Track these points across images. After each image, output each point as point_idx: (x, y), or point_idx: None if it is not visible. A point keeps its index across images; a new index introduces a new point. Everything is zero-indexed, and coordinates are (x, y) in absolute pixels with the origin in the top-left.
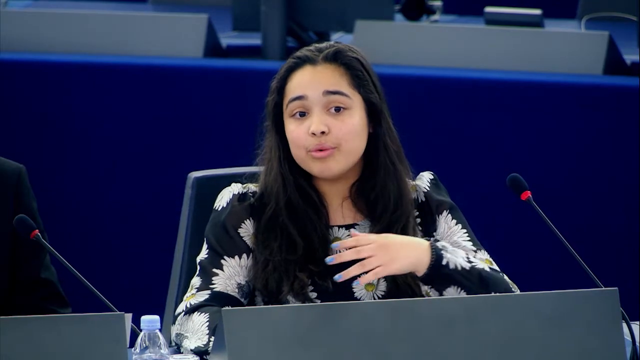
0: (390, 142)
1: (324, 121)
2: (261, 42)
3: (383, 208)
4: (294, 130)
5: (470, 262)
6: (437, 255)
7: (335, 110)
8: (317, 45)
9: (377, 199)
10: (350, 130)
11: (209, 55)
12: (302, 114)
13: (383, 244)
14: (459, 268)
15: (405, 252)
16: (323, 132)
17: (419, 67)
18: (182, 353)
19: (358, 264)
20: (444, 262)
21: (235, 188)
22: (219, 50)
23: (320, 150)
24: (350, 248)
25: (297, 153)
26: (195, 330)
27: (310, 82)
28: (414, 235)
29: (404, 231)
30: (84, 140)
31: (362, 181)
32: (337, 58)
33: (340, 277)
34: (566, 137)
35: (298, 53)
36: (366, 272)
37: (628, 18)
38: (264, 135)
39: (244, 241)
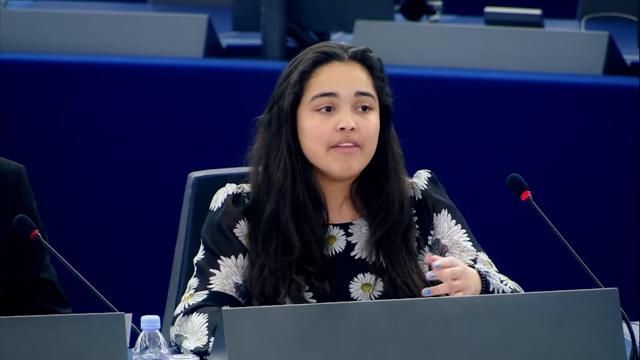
0: (396, 146)
1: (352, 118)
2: (261, 42)
3: (388, 211)
4: (318, 125)
5: (507, 285)
6: (485, 282)
7: (362, 109)
8: (333, 43)
9: (383, 203)
10: (373, 130)
11: (209, 55)
12: (327, 109)
13: (464, 272)
14: (500, 293)
15: (473, 280)
16: (352, 129)
17: (419, 67)
18: (182, 353)
19: (447, 284)
20: (491, 289)
21: (230, 188)
22: (218, 50)
23: (347, 146)
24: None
25: (317, 148)
26: (195, 331)
27: (341, 79)
28: (414, 235)
29: (406, 233)
30: (84, 140)
31: (362, 181)
32: (365, 59)
33: (429, 292)
34: (566, 137)
35: (322, 48)
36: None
37: (628, 18)
38: (254, 137)
39: (240, 241)
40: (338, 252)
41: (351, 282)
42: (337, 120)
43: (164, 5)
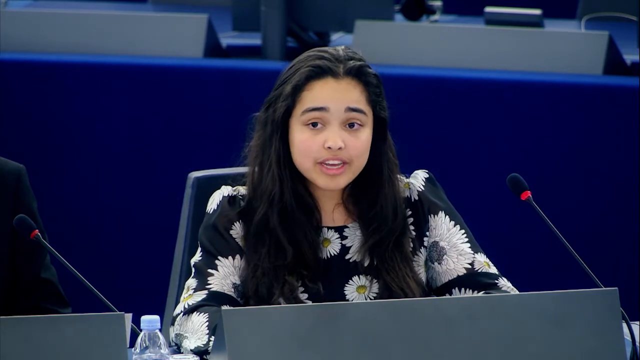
0: (391, 155)
1: (341, 136)
2: (261, 42)
3: (382, 220)
4: (306, 140)
5: None
6: None
7: (349, 125)
8: (331, 52)
9: (377, 211)
10: (362, 148)
11: (209, 55)
12: (315, 124)
13: None
14: None
15: None
16: (340, 148)
17: (419, 67)
18: (182, 353)
19: None
20: None
21: (225, 190)
22: (219, 50)
23: (333, 165)
24: None
25: (304, 162)
26: (195, 331)
27: (333, 95)
28: (408, 239)
29: (399, 239)
30: (84, 140)
31: (354, 187)
32: (360, 74)
33: None
34: (566, 137)
35: (317, 61)
36: None
37: (628, 18)
38: (251, 133)
39: (236, 242)
40: (333, 254)
41: (346, 284)
42: (325, 138)
43: (164, 5)
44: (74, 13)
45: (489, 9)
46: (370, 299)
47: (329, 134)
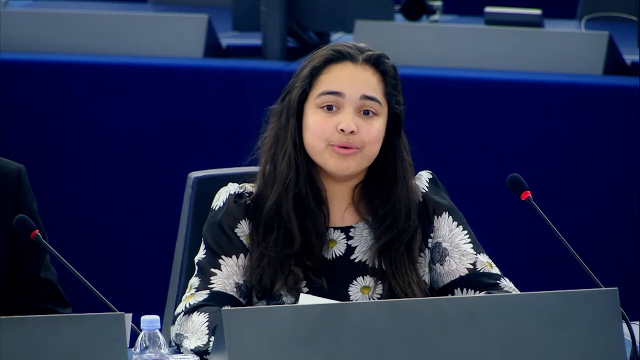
0: (405, 154)
1: (354, 121)
2: (261, 42)
3: (394, 218)
4: (320, 122)
5: None
6: None
7: (364, 113)
8: (352, 43)
9: (389, 210)
10: (375, 136)
11: (209, 55)
12: (330, 108)
13: None
14: None
15: None
16: (352, 132)
17: (419, 67)
18: (182, 353)
19: None
20: None
21: (232, 188)
22: (219, 50)
23: (345, 147)
24: None
25: (316, 144)
26: (195, 330)
27: (349, 80)
28: (418, 244)
29: (410, 242)
30: (84, 140)
31: (367, 186)
32: (379, 64)
33: None
34: (566, 137)
35: (338, 47)
36: None
37: (628, 18)
38: (269, 119)
39: (241, 241)
40: (338, 255)
41: (350, 285)
42: (339, 121)
43: (164, 5)
44: (74, 13)
45: (489, 9)
46: (374, 300)
47: (343, 117)
